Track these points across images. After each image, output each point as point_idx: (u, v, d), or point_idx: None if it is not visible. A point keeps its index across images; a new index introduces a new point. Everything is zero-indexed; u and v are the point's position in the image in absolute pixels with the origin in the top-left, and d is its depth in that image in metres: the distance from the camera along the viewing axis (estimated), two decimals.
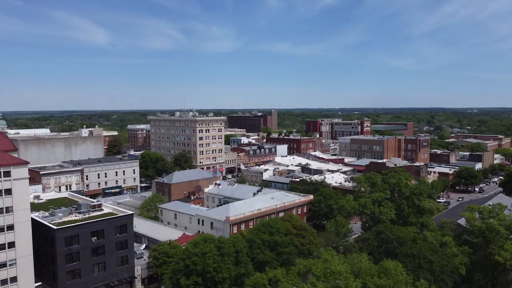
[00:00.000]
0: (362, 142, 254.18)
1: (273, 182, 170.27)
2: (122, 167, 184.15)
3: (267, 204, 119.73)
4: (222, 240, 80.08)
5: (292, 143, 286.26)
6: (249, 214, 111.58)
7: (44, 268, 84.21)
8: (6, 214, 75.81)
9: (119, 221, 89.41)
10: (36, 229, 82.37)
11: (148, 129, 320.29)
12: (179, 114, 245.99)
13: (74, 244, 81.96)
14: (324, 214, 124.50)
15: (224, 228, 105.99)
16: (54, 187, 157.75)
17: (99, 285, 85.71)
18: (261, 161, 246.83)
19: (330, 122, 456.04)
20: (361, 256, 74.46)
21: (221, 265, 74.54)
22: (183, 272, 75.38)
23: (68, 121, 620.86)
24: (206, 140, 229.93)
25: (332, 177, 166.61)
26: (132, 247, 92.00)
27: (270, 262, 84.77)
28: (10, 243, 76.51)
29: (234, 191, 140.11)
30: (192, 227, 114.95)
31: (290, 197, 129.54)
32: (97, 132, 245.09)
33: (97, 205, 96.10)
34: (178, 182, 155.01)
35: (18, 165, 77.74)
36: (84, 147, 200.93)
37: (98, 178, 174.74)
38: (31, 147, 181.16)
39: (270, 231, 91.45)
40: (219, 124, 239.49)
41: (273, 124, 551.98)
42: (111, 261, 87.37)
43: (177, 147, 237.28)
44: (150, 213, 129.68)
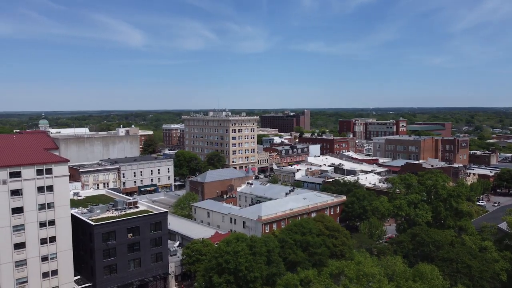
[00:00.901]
0: (397, 143, 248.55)
1: (305, 182, 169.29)
2: (157, 165, 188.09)
3: (300, 204, 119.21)
4: (254, 239, 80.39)
5: (325, 143, 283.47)
6: (281, 214, 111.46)
7: (82, 262, 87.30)
8: (48, 209, 79.12)
9: (154, 218, 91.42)
10: (76, 225, 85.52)
11: (182, 129, 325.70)
12: (212, 114, 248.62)
13: (111, 240, 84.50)
14: (357, 215, 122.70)
15: (256, 228, 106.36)
16: (92, 184, 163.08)
17: (134, 280, 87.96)
18: (293, 161, 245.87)
19: (364, 122, 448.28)
20: (395, 259, 73.01)
21: (253, 264, 74.85)
22: (216, 270, 76.22)
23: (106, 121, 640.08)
24: (239, 139, 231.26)
25: (365, 178, 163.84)
26: (166, 244, 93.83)
27: (302, 262, 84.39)
28: (52, 238, 79.80)
29: (266, 191, 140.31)
30: (224, 225, 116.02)
31: (323, 197, 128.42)
32: (133, 131, 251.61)
33: (133, 203, 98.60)
34: (211, 181, 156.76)
35: (59, 163, 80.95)
36: (121, 146, 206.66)
37: (134, 176, 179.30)
38: (71, 146, 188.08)
39: (302, 231, 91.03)
40: (252, 123, 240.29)
41: (305, 124, 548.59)
42: (146, 258, 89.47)
43: (210, 147, 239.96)
44: (184, 211, 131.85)
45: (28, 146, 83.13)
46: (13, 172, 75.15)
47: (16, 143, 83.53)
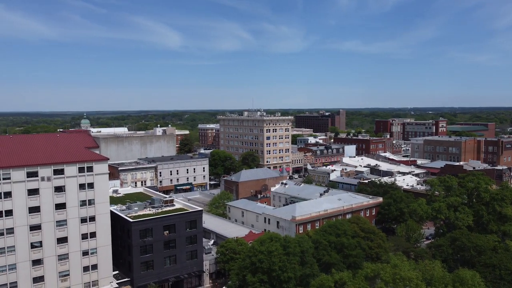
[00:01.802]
0: (436, 143, 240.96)
1: (340, 183, 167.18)
2: (192, 165, 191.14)
3: (334, 205, 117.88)
4: (288, 239, 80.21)
5: (361, 143, 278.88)
6: (315, 214, 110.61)
7: (120, 258, 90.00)
8: (89, 206, 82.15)
9: (189, 216, 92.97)
10: (114, 221, 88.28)
11: (217, 129, 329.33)
12: (247, 114, 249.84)
13: (148, 236, 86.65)
14: (394, 217, 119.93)
15: (290, 228, 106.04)
16: (130, 182, 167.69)
17: (170, 277, 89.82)
18: (328, 161, 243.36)
19: (402, 122, 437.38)
20: (434, 263, 70.87)
21: (287, 264, 74.69)
22: (249, 269, 76.58)
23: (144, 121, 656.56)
24: (273, 139, 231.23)
25: (403, 180, 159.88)
26: (201, 242, 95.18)
27: (336, 264, 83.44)
28: (92, 233, 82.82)
29: (300, 191, 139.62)
30: (258, 225, 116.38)
31: (358, 198, 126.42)
32: (170, 131, 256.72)
33: (169, 201, 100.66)
34: (245, 181, 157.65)
35: (100, 161, 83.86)
36: (158, 145, 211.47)
37: (171, 175, 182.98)
38: (110, 145, 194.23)
39: (337, 232, 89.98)
40: (286, 123, 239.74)
41: (341, 124, 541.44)
42: (181, 255, 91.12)
43: (245, 146, 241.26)
44: (219, 210, 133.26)
45: (70, 144, 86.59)
46: (57, 170, 78.55)
47: (59, 142, 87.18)
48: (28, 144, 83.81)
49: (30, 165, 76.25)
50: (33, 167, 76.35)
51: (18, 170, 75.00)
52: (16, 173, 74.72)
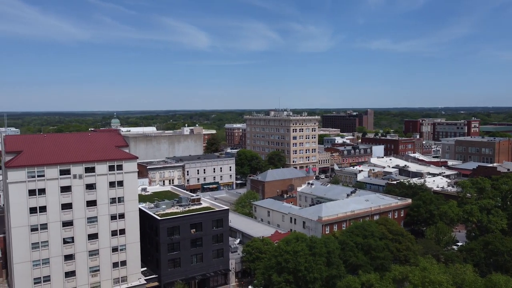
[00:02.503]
0: (468, 144, 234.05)
1: (368, 184, 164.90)
2: (219, 164, 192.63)
3: (361, 206, 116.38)
4: (314, 239, 79.79)
5: (389, 143, 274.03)
6: (342, 215, 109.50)
7: (148, 255, 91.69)
8: (118, 203, 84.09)
9: (216, 215, 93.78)
10: (143, 219, 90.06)
11: (244, 128, 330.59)
12: (273, 113, 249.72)
13: (175, 234, 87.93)
14: (424, 219, 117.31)
15: (316, 228, 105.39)
16: (159, 181, 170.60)
17: (196, 274, 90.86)
18: (355, 161, 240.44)
19: (432, 122, 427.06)
20: (465, 267, 69.02)
21: (313, 264, 74.30)
22: (275, 269, 76.61)
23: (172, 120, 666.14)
24: (300, 139, 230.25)
25: (433, 181, 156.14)
26: (227, 241, 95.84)
27: (363, 266, 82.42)
28: (121, 230, 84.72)
29: (327, 191, 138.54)
30: (284, 225, 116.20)
31: (386, 200, 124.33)
32: (197, 130, 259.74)
33: (196, 199, 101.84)
34: (271, 180, 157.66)
35: (129, 159, 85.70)
36: (185, 144, 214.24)
37: (198, 173, 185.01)
38: (139, 144, 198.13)
39: (364, 234, 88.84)
40: (313, 123, 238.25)
41: (369, 124, 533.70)
42: (208, 253, 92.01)
43: (271, 146, 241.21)
44: (245, 209, 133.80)
45: (101, 143, 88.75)
46: (88, 168, 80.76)
47: (91, 141, 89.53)
48: (61, 142, 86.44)
49: (63, 163, 78.70)
50: (65, 165, 78.78)
51: (52, 168, 77.53)
52: (49, 171, 77.28)
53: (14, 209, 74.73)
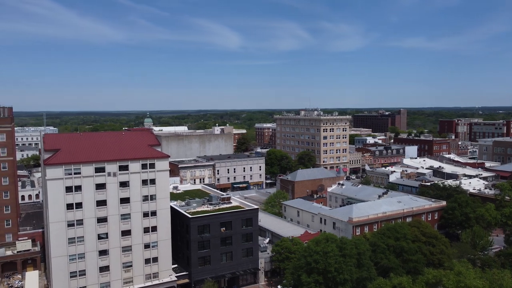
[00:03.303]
0: (508, 145, 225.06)
1: (400, 185, 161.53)
2: (249, 163, 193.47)
3: (393, 207, 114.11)
4: (344, 240, 78.87)
5: (423, 144, 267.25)
6: (373, 216, 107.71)
7: (179, 252, 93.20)
8: (150, 201, 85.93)
9: (245, 214, 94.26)
10: (174, 217, 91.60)
11: (274, 128, 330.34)
12: (304, 113, 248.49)
13: (205, 232, 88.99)
14: (459, 222, 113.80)
15: (347, 229, 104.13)
16: (189, 179, 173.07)
17: (226, 273, 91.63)
18: (387, 162, 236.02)
19: (468, 122, 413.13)
20: (503, 273, 66.48)
21: (343, 266, 73.46)
22: (304, 269, 76.22)
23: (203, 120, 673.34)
24: (330, 139, 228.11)
25: (469, 183, 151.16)
26: (256, 240, 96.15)
27: (395, 268, 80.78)
28: (153, 227, 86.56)
29: (358, 192, 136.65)
30: (314, 225, 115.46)
31: (419, 201, 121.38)
32: (227, 130, 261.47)
33: (226, 198, 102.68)
34: (301, 180, 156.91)
35: (161, 158, 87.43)
36: (216, 143, 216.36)
37: (228, 173, 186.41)
38: (171, 143, 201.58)
39: (396, 236, 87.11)
40: (344, 123, 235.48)
41: (401, 123, 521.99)
42: (237, 252, 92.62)
43: (301, 146, 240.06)
44: (274, 209, 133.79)
45: (134, 142, 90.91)
46: (122, 166, 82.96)
47: (124, 139, 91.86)
48: (96, 141, 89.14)
49: (98, 161, 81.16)
50: (100, 163, 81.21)
51: (88, 166, 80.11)
52: (85, 168, 79.87)
53: (52, 205, 77.69)
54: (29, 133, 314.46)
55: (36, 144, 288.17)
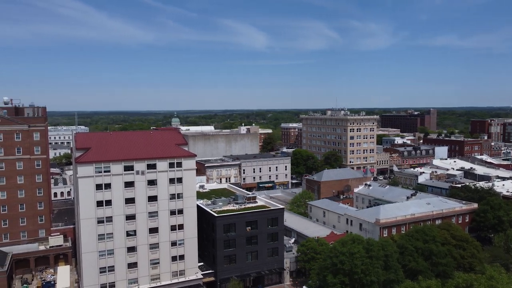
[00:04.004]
0: None
1: (429, 187, 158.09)
2: (275, 163, 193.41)
3: (422, 209, 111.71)
4: (371, 242, 77.83)
5: (454, 145, 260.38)
6: (401, 218, 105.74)
7: (205, 251, 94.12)
8: (177, 199, 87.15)
9: (271, 214, 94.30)
10: (200, 215, 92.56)
11: (300, 128, 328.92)
12: (330, 113, 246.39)
13: (231, 231, 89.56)
14: (491, 226, 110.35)
15: (374, 231, 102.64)
16: (216, 178, 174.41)
17: (251, 272, 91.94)
18: (416, 163, 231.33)
19: (502, 122, 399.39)
20: None
21: (369, 267, 72.52)
22: (330, 270, 75.64)
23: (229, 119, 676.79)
24: (357, 139, 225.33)
25: (502, 185, 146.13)
26: (282, 240, 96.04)
27: (423, 271, 79.16)
28: (180, 225, 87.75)
29: (385, 193, 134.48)
30: (340, 226, 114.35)
31: (449, 204, 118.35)
32: (253, 130, 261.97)
33: (252, 198, 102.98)
34: (327, 180, 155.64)
35: (188, 157, 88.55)
36: (242, 143, 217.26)
37: (253, 172, 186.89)
38: (198, 142, 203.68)
39: (425, 238, 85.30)
40: (371, 123, 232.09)
41: (431, 124, 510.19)
42: (263, 251, 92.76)
43: (328, 146, 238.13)
44: (300, 209, 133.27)
45: (162, 141, 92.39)
46: (150, 164, 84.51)
47: (152, 139, 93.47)
48: (125, 140, 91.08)
49: (127, 160, 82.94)
50: (129, 161, 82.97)
51: (117, 164, 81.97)
52: (115, 167, 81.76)
53: (82, 202, 79.92)
54: (61, 132, 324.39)
55: (68, 143, 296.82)
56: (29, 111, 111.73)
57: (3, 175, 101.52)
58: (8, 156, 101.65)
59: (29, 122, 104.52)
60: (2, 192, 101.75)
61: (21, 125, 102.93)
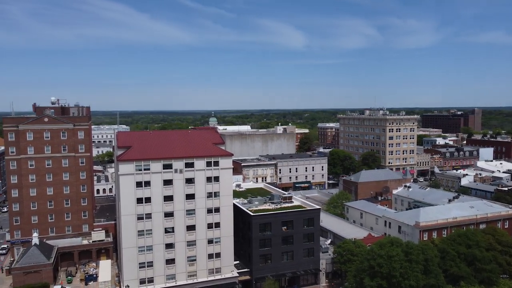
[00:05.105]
0: None
1: (473, 189, 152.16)
2: (311, 163, 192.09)
3: (465, 212, 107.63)
4: (410, 245, 75.81)
5: (500, 146, 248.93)
6: (443, 221, 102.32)
7: (241, 249, 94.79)
8: (214, 198, 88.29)
9: (307, 214, 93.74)
10: (236, 214, 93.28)
11: (337, 128, 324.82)
12: (368, 112, 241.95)
13: (267, 231, 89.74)
14: None
15: (413, 234, 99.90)
16: (252, 178, 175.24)
17: (286, 272, 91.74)
18: (459, 164, 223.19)
19: None
20: None
21: (408, 271, 70.66)
22: (367, 272, 74.32)
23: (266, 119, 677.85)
24: (397, 139, 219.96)
25: None
26: (318, 241, 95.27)
27: (466, 277, 76.34)
28: (216, 224, 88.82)
29: (425, 195, 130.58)
30: (378, 228, 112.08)
31: (495, 207, 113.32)
32: (290, 129, 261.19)
33: (288, 197, 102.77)
34: (365, 181, 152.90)
35: (225, 156, 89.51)
36: (278, 143, 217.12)
37: (290, 172, 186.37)
38: (235, 142, 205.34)
39: (468, 243, 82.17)
40: (412, 123, 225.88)
41: (475, 124, 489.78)
42: (299, 251, 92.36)
43: (366, 146, 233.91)
44: (336, 210, 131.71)
45: (200, 140, 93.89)
46: (188, 163, 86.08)
47: (190, 138, 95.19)
48: (164, 139, 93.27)
49: (166, 158, 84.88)
50: (168, 160, 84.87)
51: (156, 162, 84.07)
52: (154, 165, 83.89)
53: (123, 199, 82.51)
54: (104, 131, 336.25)
55: (110, 141, 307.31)
56: (74, 110, 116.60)
57: (50, 171, 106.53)
58: (55, 153, 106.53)
59: (74, 121, 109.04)
60: (49, 188, 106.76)
61: (67, 124, 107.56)
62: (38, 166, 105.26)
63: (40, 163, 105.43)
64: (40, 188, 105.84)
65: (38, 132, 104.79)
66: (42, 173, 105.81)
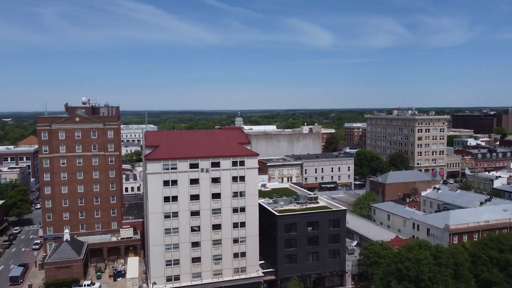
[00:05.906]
0: None
1: (506, 192, 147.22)
2: (337, 163, 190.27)
3: (498, 216, 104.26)
4: (439, 249, 74.10)
5: None
6: (474, 225, 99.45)
7: (266, 249, 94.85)
8: (240, 197, 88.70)
9: (333, 215, 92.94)
10: (262, 214, 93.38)
11: (364, 128, 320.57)
12: (396, 112, 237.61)
13: (292, 231, 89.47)
14: None
15: (442, 237, 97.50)
16: (277, 177, 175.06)
17: (312, 273, 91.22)
18: (491, 166, 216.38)
19: None
20: None
21: (437, 275, 69.07)
22: (395, 275, 73.05)
23: (292, 119, 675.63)
24: (426, 140, 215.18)
25: None
26: (344, 242, 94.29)
27: (498, 283, 74.05)
28: (242, 223, 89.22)
29: (456, 198, 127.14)
30: (405, 230, 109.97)
31: None
32: (316, 129, 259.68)
33: (313, 198, 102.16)
34: (393, 183, 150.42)
35: (251, 156, 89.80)
36: (304, 143, 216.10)
37: (315, 172, 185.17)
38: (260, 141, 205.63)
39: (500, 247, 79.65)
40: (441, 123, 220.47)
41: (509, 124, 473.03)
42: (324, 252, 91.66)
43: (393, 147, 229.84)
44: (363, 211, 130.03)
45: (226, 140, 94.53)
46: (214, 162, 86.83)
47: (217, 137, 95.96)
48: (191, 138, 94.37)
49: (193, 158, 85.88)
50: (195, 159, 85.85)
51: (183, 162, 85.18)
52: (181, 164, 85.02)
53: (151, 197, 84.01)
54: (132, 131, 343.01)
55: (139, 140, 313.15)
56: (104, 110, 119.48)
57: (81, 170, 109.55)
58: (86, 152, 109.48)
59: (104, 120, 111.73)
60: (80, 185, 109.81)
61: (97, 123, 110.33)
62: (69, 164, 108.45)
63: (72, 161, 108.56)
64: (71, 186, 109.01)
65: (69, 131, 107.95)
66: (73, 171, 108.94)
